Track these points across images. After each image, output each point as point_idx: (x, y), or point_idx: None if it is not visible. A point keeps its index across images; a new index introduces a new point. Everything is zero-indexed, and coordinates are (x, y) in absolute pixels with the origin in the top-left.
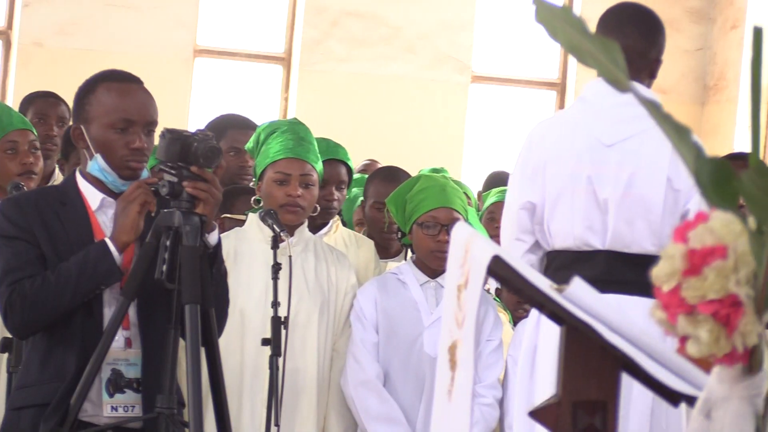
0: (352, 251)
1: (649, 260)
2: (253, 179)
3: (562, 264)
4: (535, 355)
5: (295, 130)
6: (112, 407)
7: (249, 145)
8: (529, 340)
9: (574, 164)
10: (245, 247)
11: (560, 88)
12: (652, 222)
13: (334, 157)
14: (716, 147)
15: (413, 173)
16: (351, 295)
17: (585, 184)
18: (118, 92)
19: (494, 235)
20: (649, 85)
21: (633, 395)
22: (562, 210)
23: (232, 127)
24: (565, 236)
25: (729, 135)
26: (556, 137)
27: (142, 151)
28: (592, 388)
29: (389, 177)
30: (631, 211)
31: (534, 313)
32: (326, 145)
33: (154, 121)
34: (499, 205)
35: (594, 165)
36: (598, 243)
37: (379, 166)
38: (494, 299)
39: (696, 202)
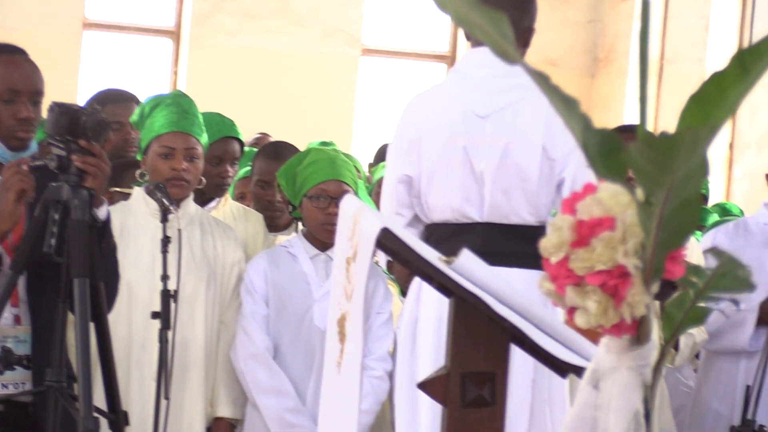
0: (241, 224)
1: (528, 231)
2: (138, 152)
3: (441, 237)
4: (416, 328)
5: (179, 103)
6: (2, 385)
7: (134, 117)
8: (410, 313)
9: (449, 136)
10: (131, 221)
11: (450, 60)
12: (529, 191)
13: (229, 134)
14: (606, 119)
15: (303, 147)
16: (237, 268)
17: (461, 156)
18: (3, 64)
19: None
20: (522, 54)
21: (514, 367)
22: (439, 183)
23: (111, 101)
24: (443, 209)
25: (619, 107)
26: (431, 110)
27: (29, 121)
28: (480, 360)
29: (273, 155)
30: (507, 182)
31: (414, 286)
32: (219, 122)
33: (40, 91)
34: None
35: (469, 136)
36: (476, 215)
37: (271, 140)
38: (384, 272)
39: (571, 171)
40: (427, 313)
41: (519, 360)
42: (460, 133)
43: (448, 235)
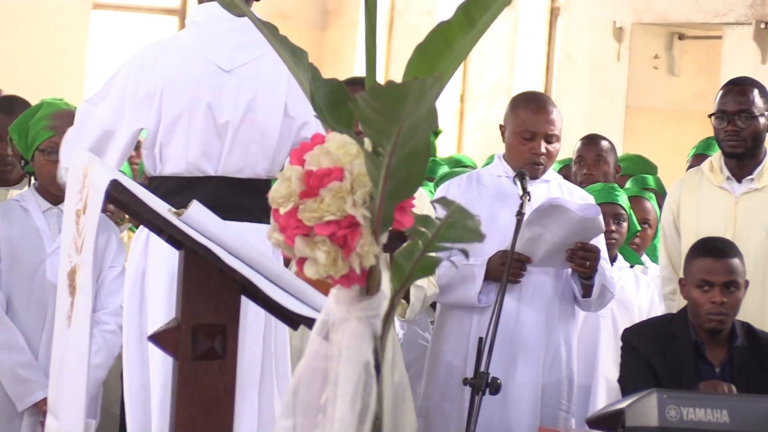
0: None
1: (259, 184)
2: None
3: (170, 190)
4: (144, 280)
5: None
6: None
7: None
8: (137, 265)
9: (193, 90)
10: None
11: (181, 14)
12: (267, 147)
13: None
14: (338, 72)
15: (35, 101)
16: None
17: (204, 110)
18: None
19: None
20: (250, 6)
21: (247, 321)
22: (178, 135)
23: None
24: (177, 162)
25: (350, 60)
26: (173, 62)
27: None
28: (211, 312)
29: (4, 109)
30: (247, 137)
31: (140, 238)
32: None
33: None
34: None
35: (213, 91)
36: (210, 169)
37: (2, 94)
38: (115, 225)
39: (312, 129)
40: (156, 266)
41: (250, 313)
42: (204, 88)
43: (178, 188)
